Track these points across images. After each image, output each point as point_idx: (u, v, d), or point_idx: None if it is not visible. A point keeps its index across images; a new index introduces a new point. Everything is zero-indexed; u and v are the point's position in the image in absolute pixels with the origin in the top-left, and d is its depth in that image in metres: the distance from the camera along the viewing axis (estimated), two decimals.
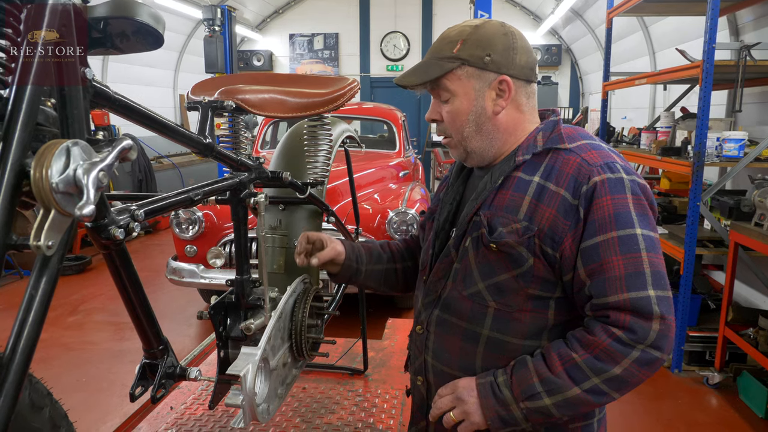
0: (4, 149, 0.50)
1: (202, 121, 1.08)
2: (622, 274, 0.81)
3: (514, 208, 0.88)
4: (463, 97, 0.91)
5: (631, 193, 0.83)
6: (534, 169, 0.89)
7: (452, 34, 0.92)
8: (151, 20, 0.70)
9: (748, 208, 2.68)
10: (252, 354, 1.01)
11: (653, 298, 0.80)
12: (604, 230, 0.82)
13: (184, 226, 3.25)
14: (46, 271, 0.53)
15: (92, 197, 0.49)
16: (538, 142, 0.91)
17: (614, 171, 0.84)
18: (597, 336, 0.81)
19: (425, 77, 0.90)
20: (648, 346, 0.79)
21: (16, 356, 0.52)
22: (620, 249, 0.81)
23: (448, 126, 0.94)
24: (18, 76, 0.55)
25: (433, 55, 0.92)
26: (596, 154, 0.87)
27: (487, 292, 0.90)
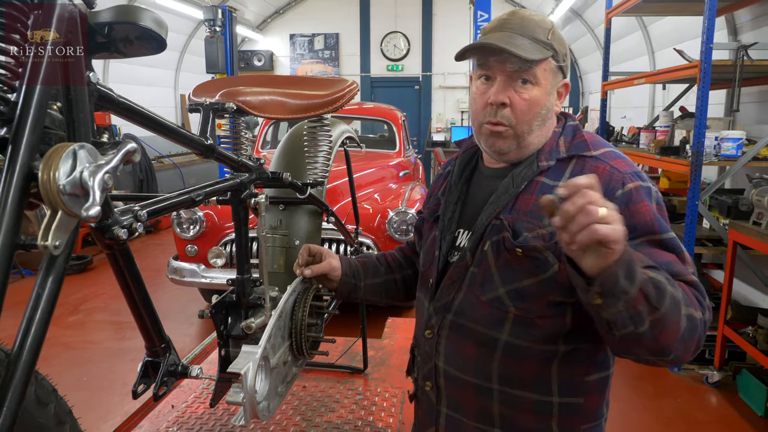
0: (13, 152, 0.52)
1: (204, 122, 1.09)
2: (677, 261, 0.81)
3: (539, 213, 0.85)
4: (544, 88, 0.88)
5: (655, 202, 0.85)
6: (558, 175, 0.88)
7: (537, 19, 0.87)
8: (154, 25, 0.71)
9: (746, 207, 2.70)
10: (253, 352, 1.03)
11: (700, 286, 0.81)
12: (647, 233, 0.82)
13: (186, 226, 3.27)
14: (53, 270, 0.55)
15: (98, 199, 0.51)
16: (560, 148, 0.90)
17: (643, 180, 0.86)
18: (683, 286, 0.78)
19: (531, 55, 0.83)
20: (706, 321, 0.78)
21: (24, 353, 0.53)
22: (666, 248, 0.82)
23: (519, 113, 0.87)
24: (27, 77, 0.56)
25: (526, 34, 0.85)
26: (623, 163, 0.88)
27: (508, 297, 0.88)
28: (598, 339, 0.85)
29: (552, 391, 0.89)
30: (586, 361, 0.90)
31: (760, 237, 2.41)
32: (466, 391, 0.93)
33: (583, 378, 0.90)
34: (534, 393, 0.89)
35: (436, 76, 9.26)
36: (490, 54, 0.86)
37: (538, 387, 0.89)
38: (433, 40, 9.16)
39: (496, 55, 0.85)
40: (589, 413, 0.92)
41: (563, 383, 0.89)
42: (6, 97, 0.56)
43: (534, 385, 0.89)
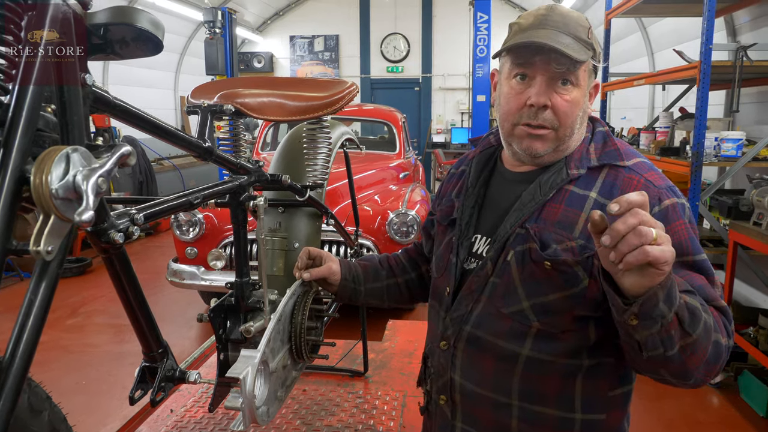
0: (5, 155, 0.51)
1: (202, 125, 1.08)
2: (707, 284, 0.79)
3: (569, 224, 0.82)
4: (582, 89, 0.85)
5: (689, 220, 0.82)
6: (588, 184, 0.84)
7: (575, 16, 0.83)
8: (150, 26, 0.70)
9: (746, 208, 2.69)
10: (251, 356, 1.01)
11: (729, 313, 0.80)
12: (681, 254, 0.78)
13: (185, 228, 3.26)
14: (46, 276, 0.54)
15: (91, 203, 0.50)
16: (591, 155, 0.86)
17: (678, 196, 0.83)
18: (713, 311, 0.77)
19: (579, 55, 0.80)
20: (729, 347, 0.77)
21: (16, 361, 0.52)
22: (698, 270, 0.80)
23: (562, 115, 0.83)
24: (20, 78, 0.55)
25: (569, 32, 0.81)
26: (657, 176, 0.84)
27: (532, 311, 0.84)
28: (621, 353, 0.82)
29: (575, 407, 0.86)
30: (609, 376, 0.87)
31: (761, 237, 2.40)
32: (484, 406, 0.89)
33: (606, 393, 0.87)
34: (556, 409, 0.86)
35: (436, 78, 9.26)
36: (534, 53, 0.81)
37: (560, 403, 0.86)
38: (433, 42, 9.17)
39: (541, 55, 0.80)
40: (612, 429, 0.89)
41: (586, 399, 0.86)
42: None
43: (556, 400, 0.86)
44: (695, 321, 0.69)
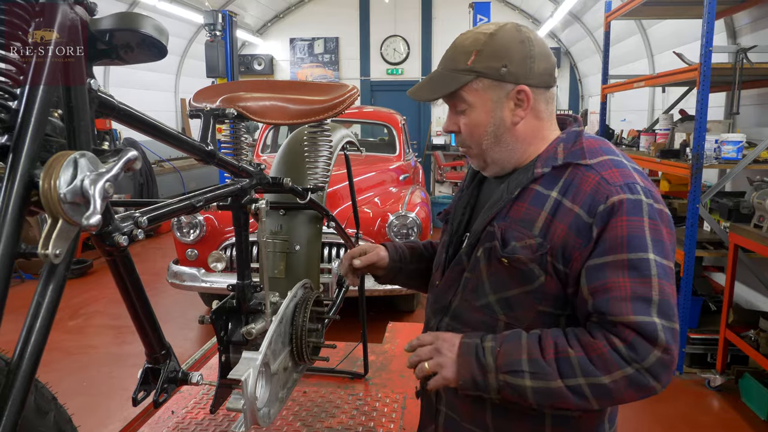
0: (14, 160, 0.52)
1: (204, 128, 1.09)
2: (628, 295, 0.78)
3: (530, 222, 0.86)
4: (480, 108, 0.89)
5: (648, 216, 0.80)
6: (552, 183, 0.86)
7: (466, 44, 0.89)
8: (155, 32, 0.71)
9: (747, 210, 2.70)
10: (253, 358, 1.02)
11: (659, 325, 0.77)
12: (614, 251, 0.79)
13: (186, 230, 3.27)
14: (53, 278, 0.55)
15: (99, 207, 0.51)
16: (558, 155, 0.88)
17: (634, 192, 0.81)
18: (597, 340, 0.79)
19: (441, 91, 0.89)
20: (645, 369, 0.77)
21: (24, 362, 0.53)
22: (629, 272, 0.79)
23: (466, 138, 0.92)
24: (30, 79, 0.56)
25: (447, 66, 0.90)
26: (617, 173, 0.84)
27: (498, 305, 0.89)
28: None
29: None
30: None
31: (761, 240, 2.41)
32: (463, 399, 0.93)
33: None
34: None
35: None
36: None
37: None
38: (432, 44, 9.18)
39: (426, 100, 0.92)
40: (585, 428, 0.90)
41: None
42: (7, 104, 0.56)
43: None
44: (523, 394, 0.81)
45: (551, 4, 7.52)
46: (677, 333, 0.79)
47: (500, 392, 0.82)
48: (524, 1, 8.76)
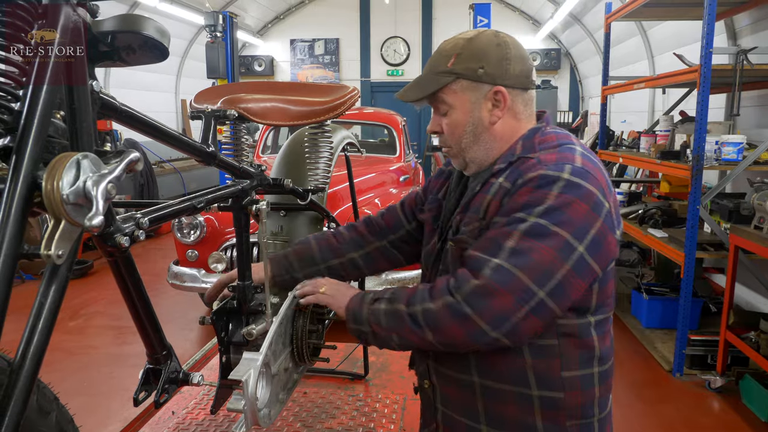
0: (17, 161, 0.52)
1: (205, 130, 1.09)
2: (486, 239, 0.87)
3: (478, 207, 0.93)
4: (459, 109, 0.94)
5: (559, 191, 0.83)
6: (503, 174, 0.93)
7: (447, 48, 0.95)
8: (156, 34, 0.72)
9: (747, 212, 2.70)
10: (254, 359, 1.02)
11: (493, 263, 0.83)
12: (506, 213, 0.87)
13: (186, 231, 3.27)
14: (56, 279, 0.55)
15: (101, 208, 0.51)
16: (516, 151, 0.94)
17: (558, 170, 0.85)
18: (441, 278, 0.90)
19: (423, 92, 0.94)
20: (462, 298, 0.83)
21: (26, 363, 0.53)
22: (502, 226, 0.86)
23: (447, 137, 0.98)
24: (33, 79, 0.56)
25: (430, 70, 0.96)
26: (554, 156, 0.88)
27: None
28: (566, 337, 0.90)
29: (530, 384, 0.91)
30: (559, 357, 0.90)
31: (762, 241, 2.41)
32: (453, 387, 0.97)
33: (559, 373, 0.91)
34: (513, 385, 0.91)
35: None
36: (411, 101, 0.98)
37: (515, 379, 0.91)
38: (433, 45, 9.19)
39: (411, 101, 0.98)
40: (574, 409, 0.92)
41: (540, 376, 0.90)
42: (10, 106, 0.56)
43: (511, 376, 0.91)
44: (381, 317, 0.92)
45: (551, 6, 7.53)
46: (518, 281, 0.81)
47: (369, 322, 0.94)
48: (524, 3, 8.77)
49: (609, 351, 0.96)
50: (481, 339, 0.83)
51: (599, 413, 0.95)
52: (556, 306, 0.84)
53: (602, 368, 0.94)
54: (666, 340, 3.26)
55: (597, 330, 0.92)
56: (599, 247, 0.85)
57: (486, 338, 0.83)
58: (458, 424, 0.97)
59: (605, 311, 0.94)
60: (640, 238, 3.40)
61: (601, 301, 0.92)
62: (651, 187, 4.74)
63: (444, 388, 0.99)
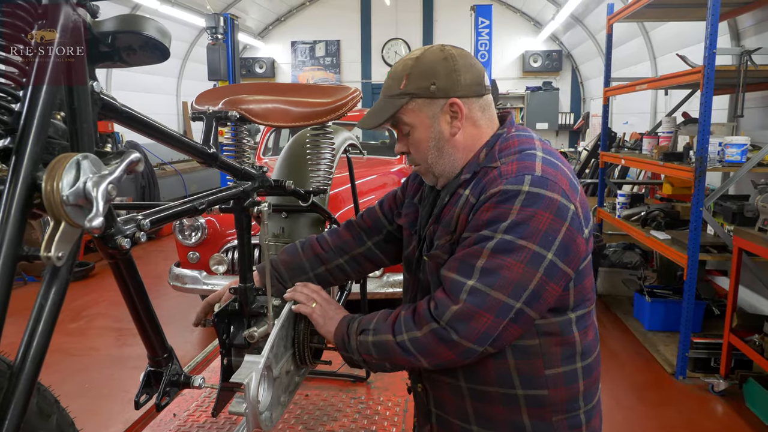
0: (17, 162, 0.52)
1: (207, 131, 1.09)
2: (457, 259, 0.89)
3: (449, 221, 0.95)
4: (420, 126, 0.96)
5: (521, 204, 0.85)
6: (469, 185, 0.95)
7: (398, 71, 0.97)
8: (157, 34, 0.71)
9: (751, 213, 2.68)
10: (255, 362, 1.02)
11: (468, 286, 0.86)
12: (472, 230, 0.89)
13: (187, 233, 3.27)
14: (56, 281, 0.54)
15: (101, 209, 0.50)
16: (480, 160, 0.96)
17: (518, 183, 0.86)
18: (422, 302, 0.93)
19: (381, 118, 0.96)
20: (445, 324, 0.86)
21: (26, 365, 0.52)
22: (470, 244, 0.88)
23: (414, 155, 1.00)
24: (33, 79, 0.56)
25: (385, 95, 0.98)
26: (515, 166, 0.89)
27: None
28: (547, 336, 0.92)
29: (515, 384, 0.93)
30: (540, 356, 0.93)
31: (766, 243, 2.40)
32: (444, 391, 0.99)
33: (542, 372, 0.93)
34: (498, 387, 0.94)
35: None
36: None
37: (500, 381, 0.93)
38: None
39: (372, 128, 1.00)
40: (559, 405, 0.94)
41: (523, 376, 0.93)
42: (9, 107, 0.56)
43: (496, 378, 0.93)
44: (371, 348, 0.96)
45: (553, 7, 7.53)
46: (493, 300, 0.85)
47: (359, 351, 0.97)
48: (526, 4, 8.77)
49: (592, 345, 0.98)
50: (471, 356, 0.88)
51: (585, 405, 0.97)
52: (534, 312, 0.88)
53: (585, 362, 0.96)
54: (669, 342, 3.24)
55: (578, 326, 0.95)
56: (568, 251, 0.87)
57: (476, 354, 0.88)
58: (452, 425, 1.00)
59: (586, 306, 0.96)
60: (642, 240, 3.38)
61: (580, 297, 0.94)
62: (653, 189, 4.73)
63: (435, 392, 1.02)
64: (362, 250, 1.21)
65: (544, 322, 0.92)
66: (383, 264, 1.23)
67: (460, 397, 0.97)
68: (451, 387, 0.98)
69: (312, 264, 1.21)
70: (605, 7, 4.33)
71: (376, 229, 1.21)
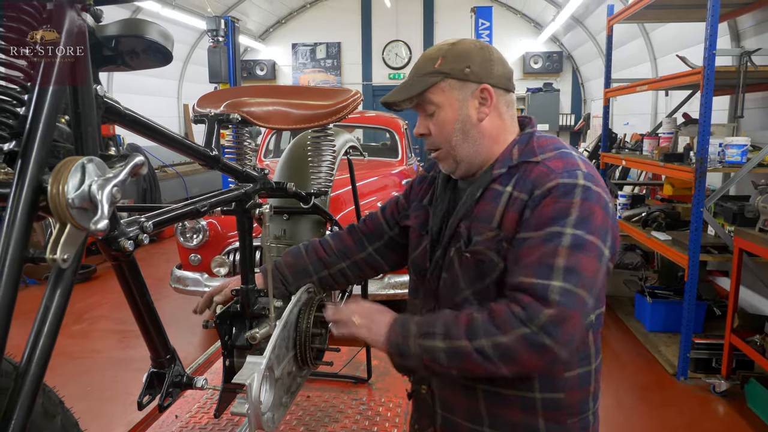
0: (23, 166, 0.52)
1: (209, 133, 1.10)
2: (534, 261, 0.85)
3: (488, 217, 0.92)
4: (447, 107, 0.95)
5: (580, 198, 0.86)
6: (508, 181, 0.93)
7: (432, 53, 0.97)
8: (160, 38, 0.72)
9: (752, 214, 2.68)
10: (257, 363, 1.02)
11: (554, 287, 0.82)
12: (537, 227, 0.86)
13: (189, 235, 3.28)
14: (61, 283, 0.55)
15: (106, 212, 0.51)
16: (513, 156, 0.95)
17: (572, 177, 0.87)
18: (500, 305, 0.86)
19: (410, 93, 0.95)
20: (539, 329, 0.81)
21: (32, 366, 0.53)
22: (542, 243, 0.85)
23: (436, 138, 0.98)
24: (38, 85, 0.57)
25: (416, 73, 0.97)
26: (561, 162, 0.90)
27: (474, 298, 0.94)
28: None
29: (533, 388, 0.92)
30: None
31: (767, 244, 2.40)
32: (455, 391, 0.98)
33: (561, 374, 0.93)
34: (516, 390, 0.93)
35: None
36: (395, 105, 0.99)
37: (518, 383, 0.92)
38: None
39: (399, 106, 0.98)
40: (574, 407, 0.94)
41: (544, 380, 0.92)
42: (15, 110, 0.57)
43: (514, 381, 0.92)
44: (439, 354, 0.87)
45: (553, 8, 7.53)
46: (581, 299, 0.82)
47: (421, 356, 0.89)
48: (526, 6, 8.78)
49: (600, 345, 0.99)
50: (557, 364, 0.85)
51: (593, 406, 0.98)
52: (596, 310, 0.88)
53: (596, 363, 0.98)
54: (670, 343, 3.24)
55: (594, 327, 0.95)
56: (614, 246, 0.89)
57: (561, 361, 0.85)
58: (460, 427, 0.98)
59: (599, 306, 0.96)
60: (643, 240, 3.39)
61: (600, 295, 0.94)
62: (654, 190, 4.73)
63: (444, 394, 1.00)
64: (363, 255, 1.21)
65: None
66: (383, 270, 1.23)
67: (474, 398, 0.96)
68: (464, 388, 0.96)
69: (315, 267, 1.21)
70: (605, 8, 4.34)
71: (377, 235, 1.21)
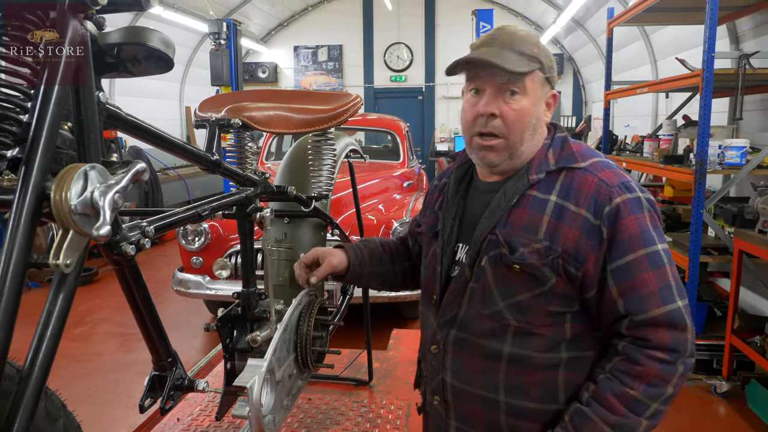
0: (26, 172, 0.53)
1: (210, 138, 1.11)
2: (655, 289, 0.84)
3: (533, 227, 0.88)
4: (532, 98, 0.90)
5: (647, 211, 0.87)
6: (549, 188, 0.89)
7: (525, 35, 0.91)
8: (162, 45, 0.73)
9: (751, 216, 2.69)
10: (258, 366, 1.03)
11: (682, 308, 0.85)
12: (633, 249, 0.84)
13: (191, 238, 3.29)
14: (64, 287, 0.56)
15: (108, 218, 0.52)
16: (549, 160, 0.91)
17: (631, 191, 0.87)
18: (644, 365, 0.83)
19: (517, 67, 0.86)
20: (687, 357, 0.85)
21: (35, 369, 0.54)
22: (650, 265, 0.84)
23: (509, 123, 0.89)
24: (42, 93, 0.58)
25: (513, 48, 0.88)
26: (611, 174, 0.89)
27: (508, 311, 0.90)
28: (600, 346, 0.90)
29: (558, 400, 0.90)
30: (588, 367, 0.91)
31: (766, 245, 2.40)
32: (474, 404, 0.94)
33: None
34: (540, 403, 0.90)
35: (439, 87, 9.32)
36: (479, 68, 0.89)
37: (544, 396, 0.90)
38: (435, 51, 9.23)
39: (485, 69, 0.88)
40: None
41: (569, 391, 0.90)
42: (18, 118, 0.58)
43: (540, 394, 0.90)
44: None
45: (554, 11, 7.55)
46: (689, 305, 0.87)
47: None
48: (527, 8, 8.80)
49: None
50: None
51: None
52: None
53: None
54: None
55: None
56: None
57: None
58: None
59: None
60: None
61: None
62: (654, 192, 4.73)
63: (461, 406, 0.97)
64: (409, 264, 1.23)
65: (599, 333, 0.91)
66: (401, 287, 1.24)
67: (495, 411, 0.92)
68: (485, 401, 0.93)
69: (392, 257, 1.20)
70: (606, 11, 4.35)
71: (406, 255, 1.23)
